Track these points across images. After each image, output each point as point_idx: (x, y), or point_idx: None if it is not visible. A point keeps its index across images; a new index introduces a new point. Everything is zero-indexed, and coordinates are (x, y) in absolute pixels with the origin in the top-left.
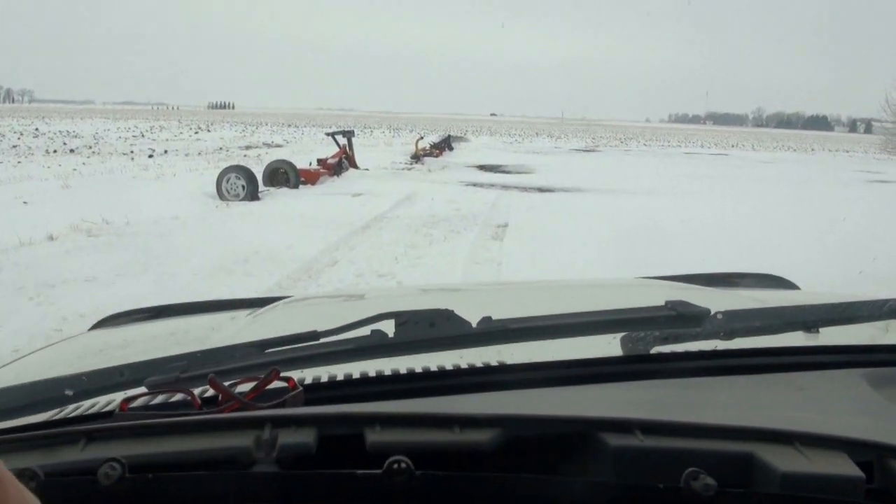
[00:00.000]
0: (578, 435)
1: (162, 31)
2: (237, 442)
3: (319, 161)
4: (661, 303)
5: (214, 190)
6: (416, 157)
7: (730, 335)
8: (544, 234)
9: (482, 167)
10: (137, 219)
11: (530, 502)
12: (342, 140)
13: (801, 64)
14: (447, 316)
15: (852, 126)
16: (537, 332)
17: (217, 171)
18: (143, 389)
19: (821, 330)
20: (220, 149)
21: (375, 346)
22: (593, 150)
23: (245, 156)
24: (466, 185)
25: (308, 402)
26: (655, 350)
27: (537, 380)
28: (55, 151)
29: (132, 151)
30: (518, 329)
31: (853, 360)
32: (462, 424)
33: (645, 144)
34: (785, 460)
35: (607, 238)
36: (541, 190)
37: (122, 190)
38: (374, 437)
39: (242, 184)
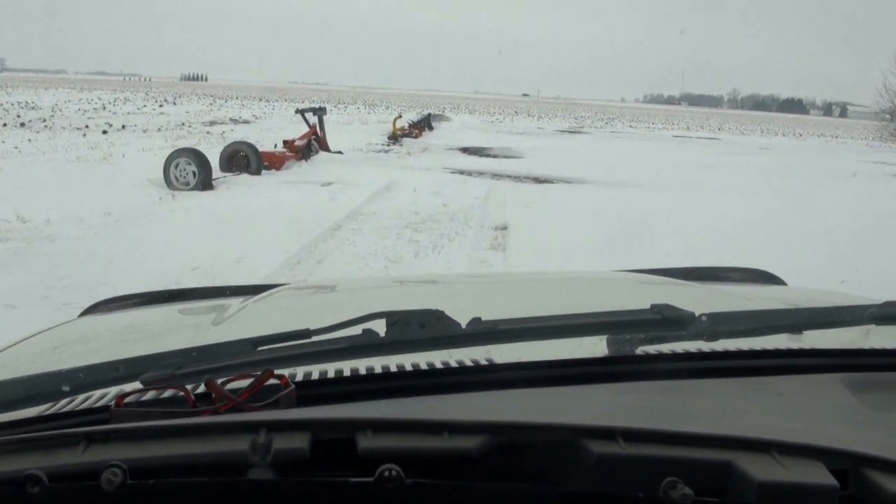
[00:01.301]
0: (563, 441)
1: (138, 1)
2: (233, 446)
3: (286, 143)
4: (650, 300)
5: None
6: (394, 138)
7: (714, 337)
8: (557, 244)
9: (466, 150)
10: (62, 215)
11: None
12: (312, 119)
13: (776, 47)
14: (437, 317)
15: (827, 110)
16: (526, 333)
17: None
18: (137, 385)
19: (803, 332)
20: (183, 124)
21: (367, 346)
22: (579, 132)
23: (208, 133)
24: (452, 172)
25: (300, 400)
26: (641, 350)
27: (525, 379)
28: (4, 125)
29: (87, 126)
30: (507, 330)
31: (834, 364)
32: (451, 430)
33: (631, 126)
34: (761, 469)
35: (640, 252)
36: (538, 180)
37: (59, 175)
38: (365, 442)
39: (193, 170)
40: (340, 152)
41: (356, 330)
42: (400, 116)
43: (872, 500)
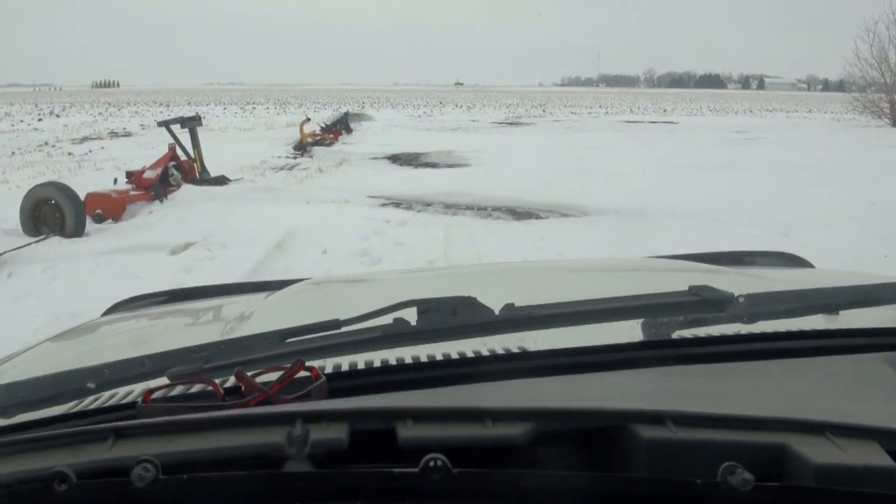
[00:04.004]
0: (611, 427)
1: (48, 7)
2: (268, 438)
3: (130, 176)
4: (682, 285)
5: None
6: (302, 148)
7: (753, 319)
8: None
9: (396, 159)
10: None
11: (565, 498)
12: (184, 134)
13: (688, 23)
14: (469, 303)
15: (745, 83)
16: (561, 318)
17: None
18: (164, 380)
19: (841, 312)
20: (45, 144)
21: (399, 335)
22: (518, 124)
23: (69, 154)
24: (382, 203)
25: (331, 392)
26: (677, 334)
27: (562, 366)
28: None
29: None
30: (541, 316)
31: (876, 343)
32: (494, 418)
33: (572, 112)
34: (818, 451)
35: None
36: (514, 213)
37: None
38: (406, 432)
39: None
40: (224, 179)
41: (387, 319)
42: (308, 120)
43: None
